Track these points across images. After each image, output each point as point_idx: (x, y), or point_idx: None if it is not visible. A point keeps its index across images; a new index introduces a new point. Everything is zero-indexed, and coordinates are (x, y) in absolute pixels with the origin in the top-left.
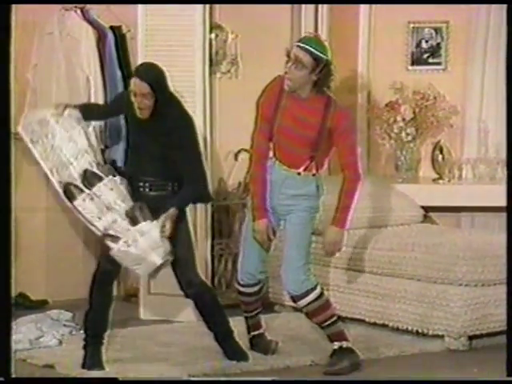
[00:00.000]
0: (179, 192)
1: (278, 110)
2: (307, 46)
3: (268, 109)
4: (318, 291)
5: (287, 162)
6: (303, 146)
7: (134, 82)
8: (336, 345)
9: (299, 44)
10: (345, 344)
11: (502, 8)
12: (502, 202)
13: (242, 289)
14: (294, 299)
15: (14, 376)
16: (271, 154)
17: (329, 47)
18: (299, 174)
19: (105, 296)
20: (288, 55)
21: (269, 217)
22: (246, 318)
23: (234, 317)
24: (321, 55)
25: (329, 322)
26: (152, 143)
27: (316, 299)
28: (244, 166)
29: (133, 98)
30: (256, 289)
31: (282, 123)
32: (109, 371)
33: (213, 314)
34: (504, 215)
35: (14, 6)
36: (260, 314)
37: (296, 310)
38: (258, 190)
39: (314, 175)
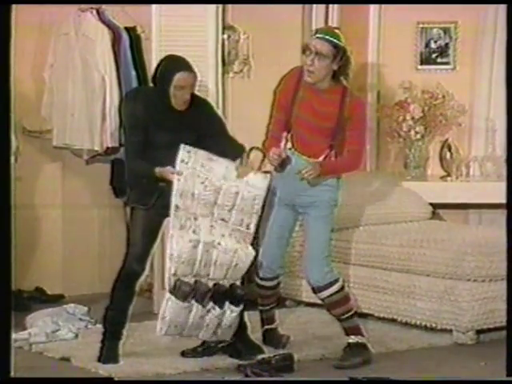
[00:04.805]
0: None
1: (295, 101)
2: (326, 36)
3: (285, 98)
4: (340, 284)
5: (307, 152)
6: (322, 136)
7: (186, 77)
8: (352, 338)
9: (317, 35)
10: (361, 339)
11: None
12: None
13: (260, 282)
14: (316, 290)
15: (29, 369)
16: (289, 144)
17: (342, 35)
18: None
19: (127, 294)
20: (305, 49)
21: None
22: (261, 311)
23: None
24: (339, 43)
25: (347, 316)
26: (186, 134)
27: (338, 291)
28: (256, 164)
29: (178, 93)
30: (274, 283)
31: (299, 115)
32: (123, 365)
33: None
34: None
35: (29, 8)
36: (274, 308)
37: (307, 304)
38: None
39: None
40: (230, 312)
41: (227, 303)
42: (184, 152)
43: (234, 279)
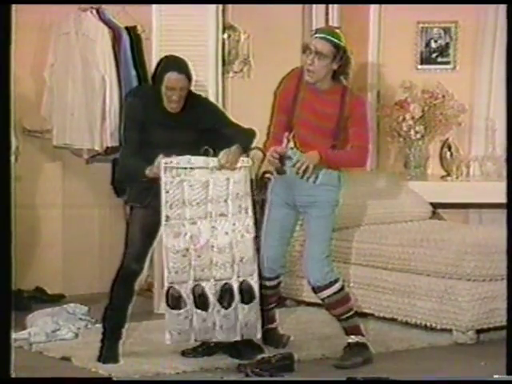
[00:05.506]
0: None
1: (296, 102)
2: (326, 36)
3: (286, 100)
4: (340, 284)
5: (309, 152)
6: (324, 137)
7: (175, 77)
8: (352, 338)
9: (318, 35)
10: (361, 339)
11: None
12: None
13: (261, 281)
14: (316, 290)
15: (29, 369)
16: (291, 144)
17: (342, 34)
18: None
19: (127, 293)
20: (305, 49)
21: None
22: (262, 310)
23: None
24: (339, 42)
25: (347, 315)
26: (185, 133)
27: (338, 291)
28: (256, 164)
29: (168, 93)
30: (275, 282)
31: (301, 115)
32: (123, 364)
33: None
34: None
35: (29, 8)
36: (275, 308)
37: (308, 304)
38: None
39: None
40: (242, 309)
41: (236, 302)
42: (164, 163)
43: (248, 274)
